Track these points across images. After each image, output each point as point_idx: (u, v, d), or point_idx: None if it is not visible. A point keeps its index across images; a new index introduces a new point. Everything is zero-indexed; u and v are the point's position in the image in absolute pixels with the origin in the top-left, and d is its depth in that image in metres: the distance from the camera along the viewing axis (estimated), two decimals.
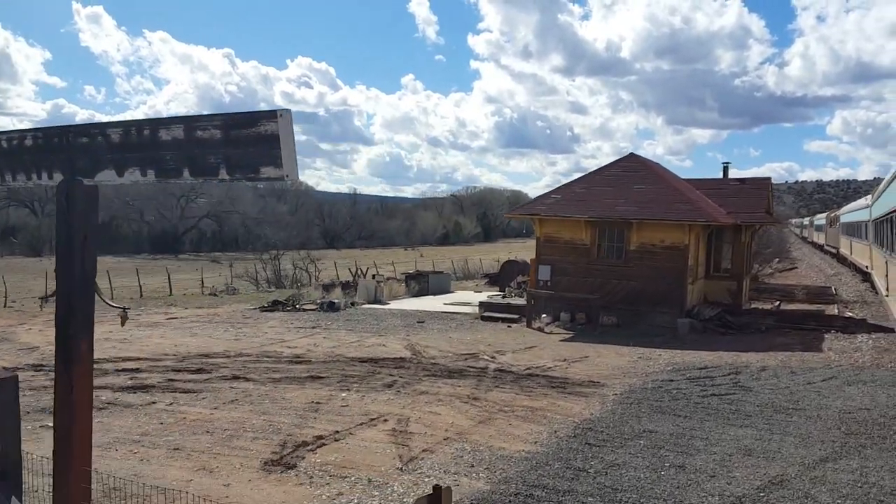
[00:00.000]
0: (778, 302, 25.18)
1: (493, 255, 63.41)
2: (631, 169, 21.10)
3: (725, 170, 23.88)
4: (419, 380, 12.69)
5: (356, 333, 17.93)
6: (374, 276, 26.21)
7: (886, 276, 16.97)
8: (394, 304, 23.66)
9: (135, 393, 11.71)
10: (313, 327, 18.88)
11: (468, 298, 25.28)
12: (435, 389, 11.95)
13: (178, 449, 8.81)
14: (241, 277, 35.33)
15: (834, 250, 44.59)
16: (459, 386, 12.23)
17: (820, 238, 61.43)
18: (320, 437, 9.16)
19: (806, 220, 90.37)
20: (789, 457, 8.07)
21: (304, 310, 22.10)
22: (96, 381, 12.59)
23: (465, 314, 21.29)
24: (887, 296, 17.29)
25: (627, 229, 19.61)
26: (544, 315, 20.16)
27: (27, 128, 4.61)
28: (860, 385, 11.80)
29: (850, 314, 21.91)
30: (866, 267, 25.52)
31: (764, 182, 22.97)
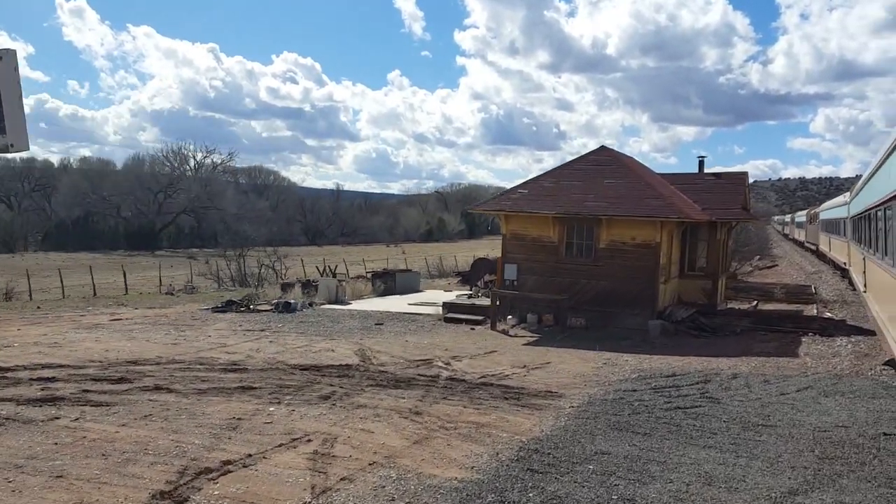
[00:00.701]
0: (755, 302, 24.32)
1: (474, 251, 62.40)
2: (602, 162, 20.09)
3: (701, 164, 22.93)
4: (361, 391, 11.60)
5: (306, 337, 16.81)
6: (334, 275, 25.04)
7: (864, 272, 16.66)
8: (356, 305, 22.54)
9: (40, 406, 10.53)
10: (262, 330, 17.72)
11: (436, 298, 24.20)
12: (375, 402, 10.86)
13: (61, 477, 7.66)
14: (204, 275, 34.04)
15: (814, 247, 44.71)
16: (403, 398, 11.15)
17: (801, 235, 61.63)
18: (228, 463, 8.04)
19: (787, 217, 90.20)
20: (754, 487, 7.05)
21: (259, 310, 20.93)
22: (4, 393, 11.45)
23: (429, 315, 20.21)
24: (865, 292, 16.98)
25: (597, 226, 18.61)
26: (510, 317, 19.14)
27: None
28: (838, 397, 10.84)
29: (830, 315, 21.05)
30: (844, 263, 25.66)
31: (740, 177, 22.04)
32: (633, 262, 18.33)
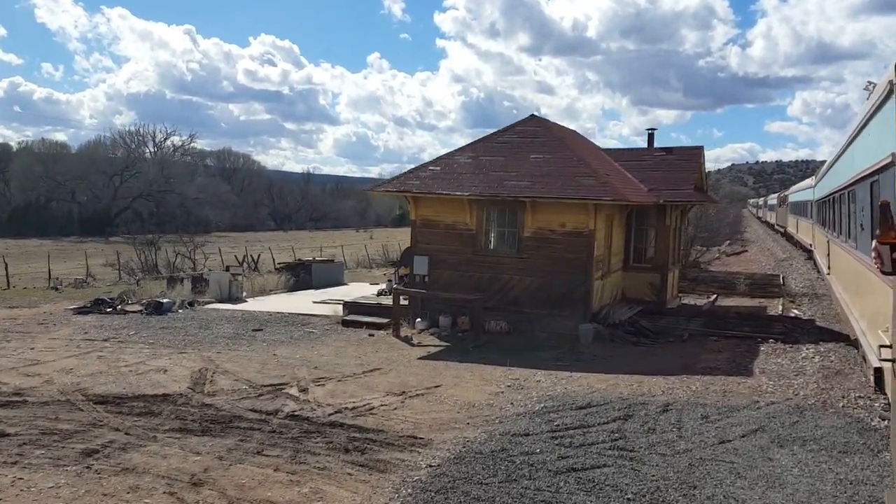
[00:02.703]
0: (715, 296, 21.41)
1: None
2: (529, 134, 16.92)
3: (651, 137, 19.83)
4: (150, 440, 8.43)
5: (152, 349, 13.54)
6: (228, 268, 21.73)
7: (828, 255, 17.15)
8: (251, 304, 19.28)
9: None
10: (105, 340, 14.43)
11: (355, 293, 21.03)
12: (155, 461, 7.71)
13: None
14: (111, 266, 30.55)
15: (783, 229, 45.08)
16: (200, 452, 8.00)
17: (772, 217, 60.93)
18: None
19: (761, 200, 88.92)
20: None
21: (126, 312, 17.59)
22: None
23: (326, 317, 17.01)
24: (829, 274, 17.40)
25: (521, 210, 15.50)
26: (419, 319, 16.03)
27: None
28: (796, 447, 7.85)
29: (796, 313, 18.21)
30: (810, 245, 26.41)
31: (694, 152, 18.97)
32: (562, 253, 15.27)
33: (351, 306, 17.12)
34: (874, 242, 6.98)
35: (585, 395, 10.48)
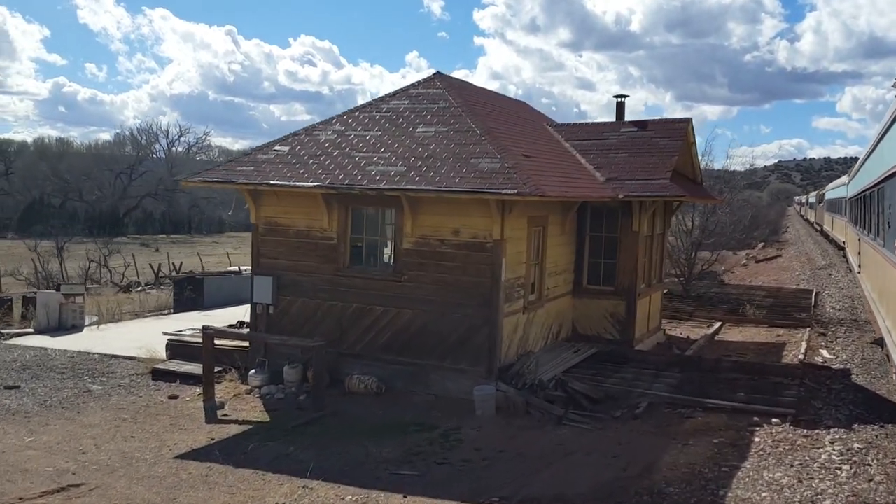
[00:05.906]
0: (718, 325, 15.87)
1: None
2: (426, 98, 11.65)
3: (620, 107, 14.31)
4: None
5: None
6: (58, 287, 16.89)
7: (859, 253, 17.33)
8: (85, 334, 14.46)
9: None
10: None
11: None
12: None
13: None
14: (13, 275, 26.22)
15: (819, 227, 44.16)
16: None
17: (811, 215, 55.57)
18: None
19: (804, 198, 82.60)
20: None
21: None
22: None
23: (142, 363, 12.01)
24: (859, 273, 17.61)
25: (398, 211, 10.31)
26: (253, 371, 10.95)
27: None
28: None
29: (825, 356, 12.63)
30: (843, 243, 26.57)
31: (677, 126, 13.25)
32: (457, 274, 10.05)
33: (175, 347, 12.08)
34: None
35: None
